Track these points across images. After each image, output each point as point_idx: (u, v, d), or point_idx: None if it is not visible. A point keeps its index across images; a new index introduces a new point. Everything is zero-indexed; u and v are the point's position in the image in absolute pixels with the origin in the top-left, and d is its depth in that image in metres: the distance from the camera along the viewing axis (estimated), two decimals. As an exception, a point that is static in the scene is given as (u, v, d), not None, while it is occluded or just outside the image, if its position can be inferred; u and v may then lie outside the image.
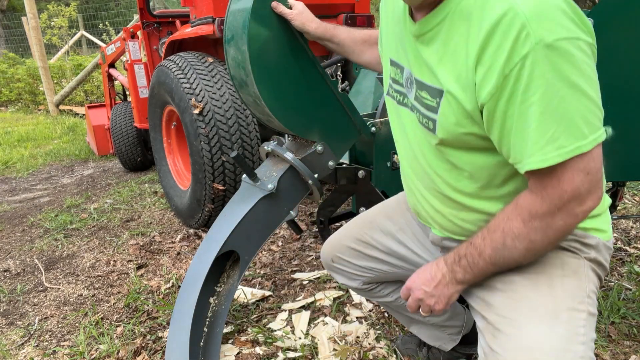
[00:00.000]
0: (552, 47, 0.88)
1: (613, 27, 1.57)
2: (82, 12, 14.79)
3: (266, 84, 1.60)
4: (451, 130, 1.07)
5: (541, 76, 0.89)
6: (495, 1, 0.94)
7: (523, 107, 0.92)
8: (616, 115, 1.64)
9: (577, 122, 0.90)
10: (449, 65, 1.04)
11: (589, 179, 0.94)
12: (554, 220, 0.98)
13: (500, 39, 0.91)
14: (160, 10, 4.31)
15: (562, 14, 0.90)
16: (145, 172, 4.78)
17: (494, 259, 1.07)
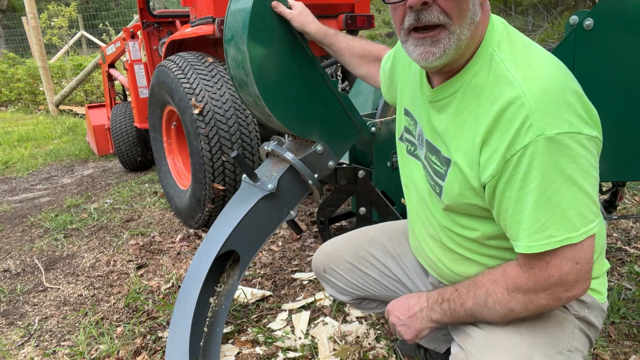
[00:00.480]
0: (552, 140, 0.92)
1: (613, 27, 1.57)
2: (82, 12, 14.80)
3: (266, 84, 1.59)
4: (456, 199, 1.11)
5: (539, 167, 0.93)
6: (505, 85, 0.98)
7: (521, 193, 0.96)
8: (616, 115, 1.64)
9: (569, 214, 0.94)
10: (457, 138, 1.08)
11: (577, 269, 0.97)
12: (537, 297, 1.01)
13: (505, 126, 0.96)
14: (160, 10, 4.31)
15: (567, 107, 0.94)
16: (145, 172, 4.78)
17: (473, 313, 1.10)
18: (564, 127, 0.92)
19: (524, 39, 1.09)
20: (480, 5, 1.03)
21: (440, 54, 1.02)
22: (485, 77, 1.03)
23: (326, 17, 3.32)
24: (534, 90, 0.95)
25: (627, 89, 1.60)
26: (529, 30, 10.58)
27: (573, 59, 1.62)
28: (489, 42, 1.06)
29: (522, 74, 0.98)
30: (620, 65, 1.59)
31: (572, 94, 0.97)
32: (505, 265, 1.08)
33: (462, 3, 1.00)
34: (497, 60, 1.03)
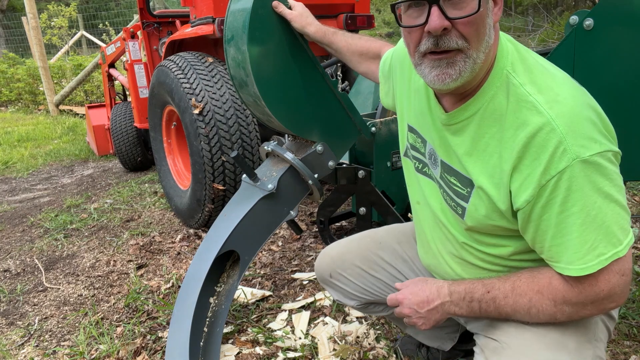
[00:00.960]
0: (587, 162, 0.94)
1: (613, 27, 1.57)
2: (82, 12, 14.80)
3: (266, 84, 1.59)
4: (481, 221, 1.11)
5: (579, 189, 0.95)
6: (529, 110, 0.99)
7: (562, 216, 0.97)
8: (616, 115, 1.64)
9: (613, 230, 0.96)
10: (480, 161, 1.08)
11: (624, 280, 0.99)
12: (584, 309, 1.03)
13: (536, 152, 0.97)
14: (160, 10, 4.31)
15: (594, 127, 0.96)
16: (145, 172, 4.78)
17: (508, 316, 1.11)
18: (595, 147, 0.95)
19: (537, 58, 1.09)
20: (492, 28, 1.03)
21: (456, 76, 1.02)
22: (504, 101, 1.04)
23: (326, 17, 3.32)
24: (562, 114, 0.96)
25: (627, 89, 1.60)
26: (529, 30, 10.58)
27: (573, 59, 1.62)
28: (502, 63, 1.06)
29: (545, 99, 0.99)
30: (620, 65, 1.59)
31: (594, 112, 0.99)
32: (550, 275, 1.06)
33: (480, 28, 0.99)
34: (515, 84, 1.03)
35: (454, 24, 0.98)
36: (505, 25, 13.39)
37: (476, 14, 0.97)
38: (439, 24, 0.97)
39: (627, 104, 1.61)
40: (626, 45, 1.57)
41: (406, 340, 1.84)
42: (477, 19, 0.98)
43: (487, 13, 1.00)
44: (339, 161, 1.90)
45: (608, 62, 1.60)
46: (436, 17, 0.97)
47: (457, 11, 0.97)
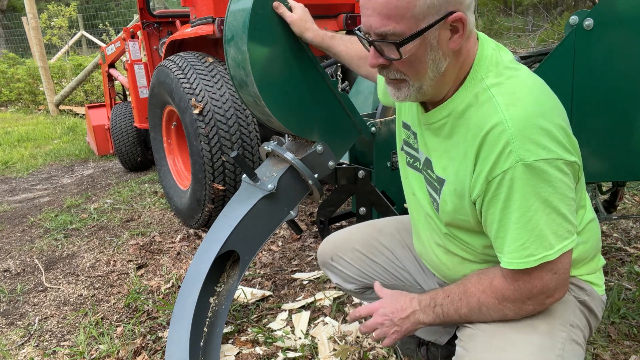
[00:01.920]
0: (530, 166, 0.99)
1: (613, 27, 1.57)
2: (82, 12, 14.80)
3: (266, 84, 1.59)
4: (450, 215, 1.18)
5: (519, 191, 1.01)
6: (489, 109, 1.05)
7: (503, 212, 1.04)
8: (616, 115, 1.64)
9: (546, 234, 1.02)
10: (450, 159, 1.15)
11: (557, 277, 1.06)
12: (525, 305, 1.11)
13: (488, 149, 1.03)
14: (160, 10, 4.31)
15: (546, 134, 1.00)
16: (145, 172, 4.78)
17: (468, 318, 1.17)
18: (542, 154, 0.99)
19: (515, 65, 1.13)
20: (447, 56, 1.08)
21: (403, 98, 1.14)
22: (474, 103, 1.09)
23: (326, 17, 3.32)
24: (516, 117, 1.01)
25: (627, 89, 1.60)
26: (529, 30, 10.58)
27: (573, 59, 1.63)
28: (478, 69, 1.12)
29: (505, 100, 1.04)
30: (620, 65, 1.59)
31: (552, 121, 1.02)
32: (492, 275, 1.14)
33: (417, 65, 1.07)
34: (484, 87, 1.09)
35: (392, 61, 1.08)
36: (505, 25, 13.40)
37: (406, 58, 1.05)
38: (372, 62, 1.11)
39: (627, 104, 1.62)
40: (626, 45, 1.57)
41: (406, 340, 1.84)
42: (411, 60, 1.06)
43: (427, 51, 1.05)
44: (339, 161, 1.90)
45: (608, 62, 1.60)
46: (371, 56, 1.11)
47: (391, 53, 1.07)
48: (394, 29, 1.03)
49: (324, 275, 2.45)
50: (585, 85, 1.63)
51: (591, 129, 1.67)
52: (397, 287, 1.59)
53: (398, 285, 1.59)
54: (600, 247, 1.29)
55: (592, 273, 1.25)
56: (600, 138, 1.68)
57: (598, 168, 1.71)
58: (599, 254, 1.29)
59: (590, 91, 1.63)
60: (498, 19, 15.38)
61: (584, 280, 1.23)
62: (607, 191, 2.23)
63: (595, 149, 1.69)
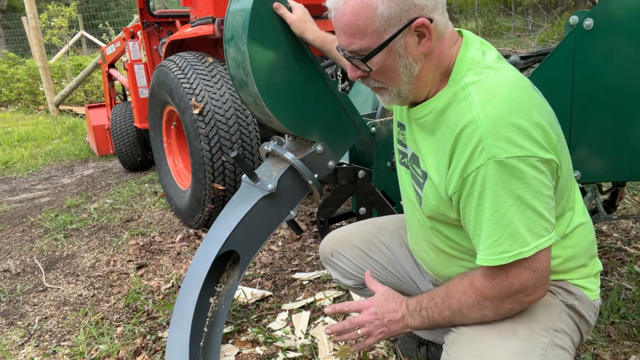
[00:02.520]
0: (502, 164, 0.99)
1: (613, 27, 1.57)
2: (82, 12, 14.80)
3: (266, 84, 1.59)
4: (432, 209, 1.20)
5: (491, 187, 1.01)
6: (465, 107, 1.06)
7: (478, 209, 1.05)
8: (616, 115, 1.64)
9: (520, 231, 1.02)
10: (433, 154, 1.17)
11: (535, 276, 1.06)
12: (503, 304, 1.10)
13: (462, 147, 1.05)
14: (160, 10, 4.31)
15: (519, 132, 1.00)
16: (145, 172, 4.78)
17: (451, 320, 1.18)
18: (514, 151, 0.99)
19: (496, 64, 1.13)
20: (419, 60, 1.11)
21: (387, 102, 1.21)
22: (453, 100, 1.11)
23: (326, 17, 3.31)
24: (489, 115, 1.02)
25: (627, 89, 1.60)
26: (529, 30, 10.58)
27: (573, 59, 1.63)
28: (459, 69, 1.13)
29: (480, 98, 1.05)
30: (620, 65, 1.59)
31: (529, 119, 1.02)
32: (472, 276, 1.15)
33: (389, 73, 1.13)
34: (462, 85, 1.10)
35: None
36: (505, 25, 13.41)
37: (375, 70, 1.12)
38: (351, 75, 1.18)
39: (626, 104, 1.62)
40: (626, 45, 1.57)
41: (406, 340, 1.85)
42: (382, 70, 1.13)
43: (396, 59, 1.11)
44: (339, 161, 1.90)
45: (608, 62, 1.60)
46: (350, 70, 1.18)
47: (364, 66, 1.13)
48: (360, 45, 1.10)
49: (324, 275, 2.45)
50: (585, 85, 1.63)
51: (591, 129, 1.67)
52: (393, 285, 1.59)
53: (395, 283, 1.59)
54: (594, 252, 1.27)
55: (585, 278, 1.24)
56: (600, 138, 1.68)
57: (598, 168, 1.71)
58: (594, 259, 1.27)
59: (590, 91, 1.63)
60: (498, 19, 15.38)
61: (574, 285, 1.22)
62: (607, 191, 2.23)
63: (595, 149, 1.69)
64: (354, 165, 2.27)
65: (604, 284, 2.21)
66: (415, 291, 1.57)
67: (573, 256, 1.21)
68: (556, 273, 1.20)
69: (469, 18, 16.47)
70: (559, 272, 1.21)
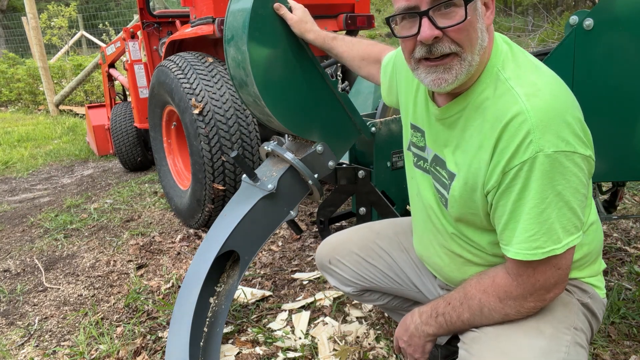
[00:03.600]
0: (549, 157, 0.98)
1: (613, 27, 1.57)
2: (82, 12, 14.79)
3: (266, 84, 1.59)
4: (460, 210, 1.17)
5: (536, 181, 1.00)
6: (509, 100, 1.03)
7: (517, 203, 1.03)
8: (616, 115, 1.64)
9: (555, 228, 1.02)
10: (464, 152, 1.13)
11: (559, 273, 1.07)
12: (526, 302, 1.10)
13: (508, 139, 1.02)
14: (160, 10, 4.31)
15: (566, 126, 0.99)
16: (145, 172, 4.78)
17: (471, 322, 1.16)
18: (561, 145, 0.98)
19: (530, 58, 1.13)
20: (486, 31, 1.08)
21: (452, 80, 1.07)
22: (491, 95, 1.08)
23: (326, 17, 3.32)
24: (536, 107, 1.00)
25: (627, 89, 1.60)
26: (529, 30, 10.57)
27: (573, 59, 1.63)
28: (494, 62, 1.11)
29: (525, 91, 1.03)
30: (620, 65, 1.59)
31: (572, 114, 1.02)
32: (493, 274, 1.14)
33: (472, 32, 1.05)
34: (502, 79, 1.08)
35: (445, 32, 1.04)
36: (505, 25, 13.39)
37: (465, 21, 1.02)
38: (429, 34, 1.03)
39: (626, 104, 1.61)
40: (626, 46, 1.57)
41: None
42: (467, 26, 1.03)
43: (477, 19, 1.05)
44: (339, 161, 1.90)
45: (608, 62, 1.60)
46: (427, 28, 1.03)
47: (447, 20, 1.03)
48: None
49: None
50: (585, 85, 1.63)
51: (591, 129, 1.67)
52: (394, 291, 1.60)
53: (396, 289, 1.59)
54: (601, 250, 1.29)
55: (594, 276, 1.25)
56: (600, 138, 1.67)
57: (598, 168, 1.70)
58: (600, 257, 1.29)
59: (590, 91, 1.63)
60: (498, 19, 15.38)
61: (586, 283, 1.23)
62: (607, 191, 2.23)
63: (595, 149, 1.69)
64: (354, 165, 2.27)
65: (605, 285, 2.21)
66: (417, 295, 1.57)
67: (587, 254, 1.22)
68: (572, 270, 1.20)
69: (469, 18, 16.40)
70: (573, 269, 1.21)
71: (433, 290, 1.50)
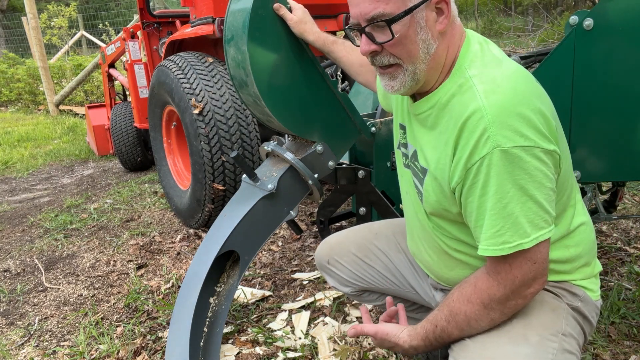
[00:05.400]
0: (507, 153, 0.99)
1: (613, 27, 1.57)
2: (82, 12, 14.79)
3: (266, 84, 1.59)
4: (434, 205, 1.19)
5: (495, 177, 1.01)
6: (469, 97, 1.06)
7: (481, 200, 1.05)
8: (616, 115, 1.64)
9: (521, 223, 1.02)
10: (433, 148, 1.16)
11: (535, 267, 1.06)
12: (509, 300, 1.10)
13: (467, 136, 1.04)
14: (160, 10, 4.31)
15: (524, 122, 1.00)
16: (145, 172, 4.78)
17: (461, 336, 1.17)
18: (519, 141, 0.99)
19: (499, 56, 1.14)
20: (436, 38, 1.11)
21: (399, 87, 1.15)
22: (457, 93, 1.11)
23: (326, 17, 3.31)
24: (495, 104, 1.02)
25: (627, 89, 1.60)
26: (529, 30, 10.57)
27: (573, 59, 1.63)
28: (462, 61, 1.13)
29: (484, 88, 1.05)
30: (620, 65, 1.59)
31: (533, 109, 1.02)
32: (474, 280, 1.14)
33: (409, 45, 1.10)
34: (466, 77, 1.10)
35: (383, 46, 1.11)
36: (505, 25, 13.40)
37: (395, 38, 1.08)
38: (365, 49, 1.13)
39: (626, 104, 1.61)
40: (626, 45, 1.57)
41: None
42: (401, 40, 1.09)
43: (417, 31, 1.09)
44: (339, 161, 1.90)
45: (608, 62, 1.60)
46: (364, 43, 1.13)
47: (383, 36, 1.10)
48: (384, 10, 1.07)
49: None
50: (585, 85, 1.63)
51: (591, 129, 1.67)
52: (392, 292, 1.59)
53: (392, 289, 1.59)
54: (595, 252, 1.27)
55: (587, 278, 1.24)
56: (600, 138, 1.68)
57: (598, 168, 1.71)
58: (594, 260, 1.27)
59: (590, 91, 1.63)
60: (498, 19, 15.39)
61: (577, 286, 1.22)
62: (607, 191, 2.23)
63: (595, 149, 1.69)
64: (354, 165, 2.27)
65: (604, 284, 2.21)
66: (415, 297, 1.57)
67: (576, 256, 1.20)
68: (560, 273, 1.20)
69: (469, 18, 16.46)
70: (562, 272, 1.20)
71: (429, 292, 1.49)
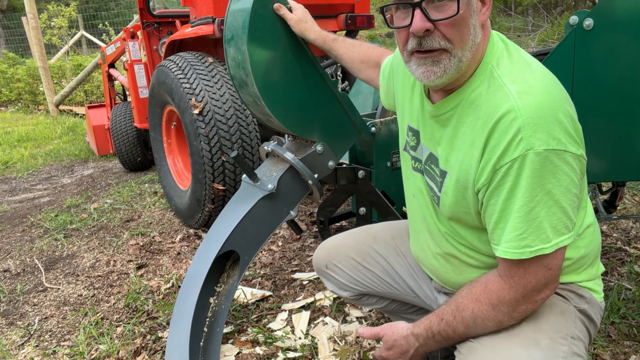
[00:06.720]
0: (540, 156, 0.97)
1: (613, 27, 1.57)
2: (82, 12, 14.79)
3: (266, 84, 1.59)
4: (451, 208, 1.17)
5: (526, 179, 0.99)
6: (501, 99, 1.03)
7: (507, 202, 1.03)
8: (616, 115, 1.64)
9: (544, 228, 1.01)
10: (456, 150, 1.13)
11: (550, 274, 1.05)
12: (519, 305, 1.08)
13: (498, 137, 1.01)
14: (160, 10, 4.31)
15: (557, 125, 0.98)
16: (145, 172, 4.78)
17: (466, 334, 1.15)
18: (552, 143, 0.97)
19: (524, 55, 1.12)
20: (481, 27, 1.08)
21: (441, 74, 1.07)
22: (484, 92, 1.08)
23: (326, 17, 3.31)
24: (528, 104, 1.00)
25: (627, 89, 1.60)
26: (529, 30, 10.57)
27: (573, 59, 1.63)
28: (489, 59, 1.10)
29: (517, 89, 1.03)
30: (620, 65, 1.59)
31: (564, 112, 1.01)
32: (485, 280, 1.13)
33: (463, 28, 1.04)
34: (495, 76, 1.07)
35: (437, 25, 1.04)
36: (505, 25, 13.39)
37: (457, 15, 1.02)
38: (420, 26, 1.03)
39: (626, 104, 1.61)
40: (626, 45, 1.57)
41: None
42: (459, 21, 1.03)
43: (471, 14, 1.05)
44: (339, 161, 1.90)
45: (608, 62, 1.60)
46: (418, 19, 1.04)
47: (439, 13, 1.03)
48: None
49: (324, 275, 2.45)
50: (585, 85, 1.63)
51: (591, 129, 1.66)
52: (392, 295, 1.59)
53: (392, 293, 1.58)
54: (599, 253, 1.27)
55: (592, 279, 1.24)
56: (600, 138, 1.68)
57: (598, 168, 1.71)
58: (598, 260, 1.27)
59: (590, 91, 1.63)
60: (498, 19, 15.38)
61: (583, 287, 1.21)
62: (607, 191, 2.23)
63: (595, 149, 1.69)
64: (354, 165, 2.27)
65: (604, 284, 2.21)
66: (415, 300, 1.56)
67: (584, 257, 1.20)
68: (567, 274, 1.19)
69: (469, 18, 16.40)
70: (569, 272, 1.20)
71: (430, 294, 1.49)
